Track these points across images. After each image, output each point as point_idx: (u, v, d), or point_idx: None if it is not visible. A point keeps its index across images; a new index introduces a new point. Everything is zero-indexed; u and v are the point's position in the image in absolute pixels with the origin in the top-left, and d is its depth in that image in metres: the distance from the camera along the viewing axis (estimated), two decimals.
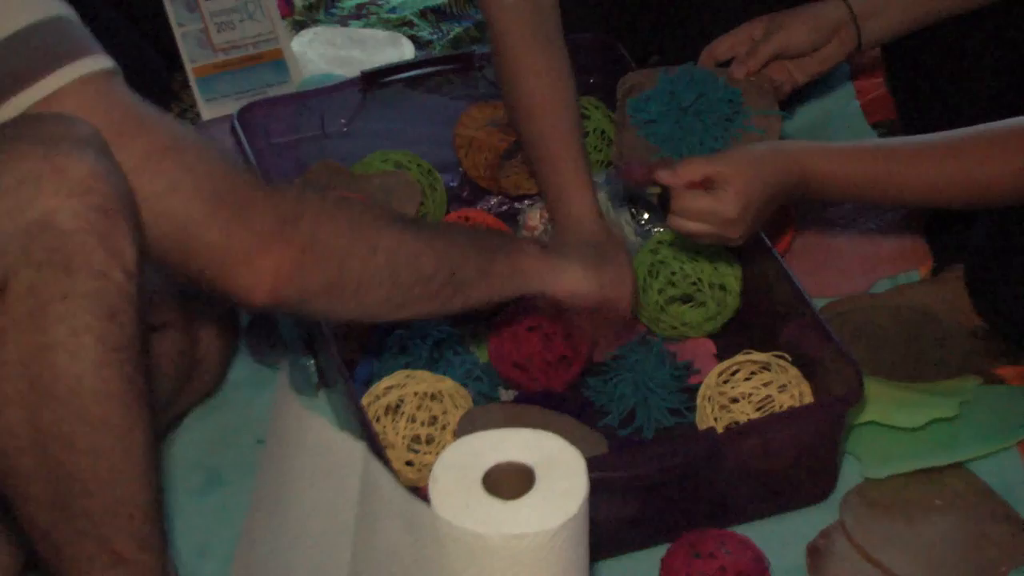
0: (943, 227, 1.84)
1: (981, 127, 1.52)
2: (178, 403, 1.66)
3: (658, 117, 1.76)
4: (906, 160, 1.51)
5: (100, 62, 1.22)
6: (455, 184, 1.99)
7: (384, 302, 1.38)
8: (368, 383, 1.64)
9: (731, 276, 1.74)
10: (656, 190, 1.76)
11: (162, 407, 1.60)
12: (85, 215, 1.16)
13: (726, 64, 1.82)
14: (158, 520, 1.26)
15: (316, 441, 1.30)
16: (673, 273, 1.73)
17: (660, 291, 1.73)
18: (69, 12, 1.25)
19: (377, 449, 1.47)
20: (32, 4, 1.21)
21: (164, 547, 1.28)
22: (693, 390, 1.65)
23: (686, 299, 1.75)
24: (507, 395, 1.69)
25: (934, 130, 1.53)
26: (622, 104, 1.81)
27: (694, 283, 1.73)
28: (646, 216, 1.83)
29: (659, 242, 1.76)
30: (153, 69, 2.17)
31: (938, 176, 1.50)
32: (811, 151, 1.53)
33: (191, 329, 1.63)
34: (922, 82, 1.84)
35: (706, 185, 1.50)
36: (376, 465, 1.24)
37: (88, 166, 1.16)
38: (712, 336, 1.75)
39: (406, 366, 1.65)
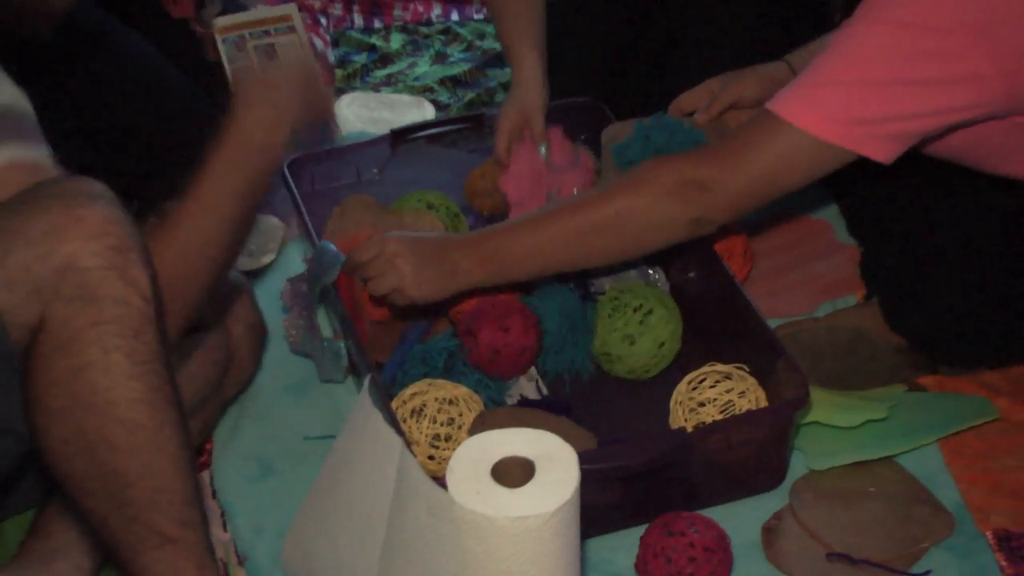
0: (872, 262, 1.85)
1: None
2: (221, 392, 1.65)
3: (636, 158, 1.76)
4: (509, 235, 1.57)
5: (30, 150, 1.24)
6: (473, 223, 1.99)
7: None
8: (392, 382, 1.64)
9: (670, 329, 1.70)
10: None
11: (208, 397, 1.60)
12: (103, 254, 1.17)
13: (690, 115, 1.83)
14: (196, 503, 1.26)
15: (372, 433, 1.30)
16: (626, 306, 1.69)
17: (615, 329, 1.69)
18: (15, 100, 1.27)
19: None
20: None
21: (205, 525, 1.27)
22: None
23: (631, 341, 1.70)
24: (512, 400, 1.70)
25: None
26: (606, 150, 1.82)
27: (640, 322, 1.68)
28: (650, 272, 1.81)
29: (621, 292, 1.72)
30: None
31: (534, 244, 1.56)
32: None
33: (224, 328, 1.62)
34: None
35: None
36: (408, 457, 1.24)
37: (102, 213, 1.17)
38: (681, 350, 1.73)
39: (425, 375, 1.65)
